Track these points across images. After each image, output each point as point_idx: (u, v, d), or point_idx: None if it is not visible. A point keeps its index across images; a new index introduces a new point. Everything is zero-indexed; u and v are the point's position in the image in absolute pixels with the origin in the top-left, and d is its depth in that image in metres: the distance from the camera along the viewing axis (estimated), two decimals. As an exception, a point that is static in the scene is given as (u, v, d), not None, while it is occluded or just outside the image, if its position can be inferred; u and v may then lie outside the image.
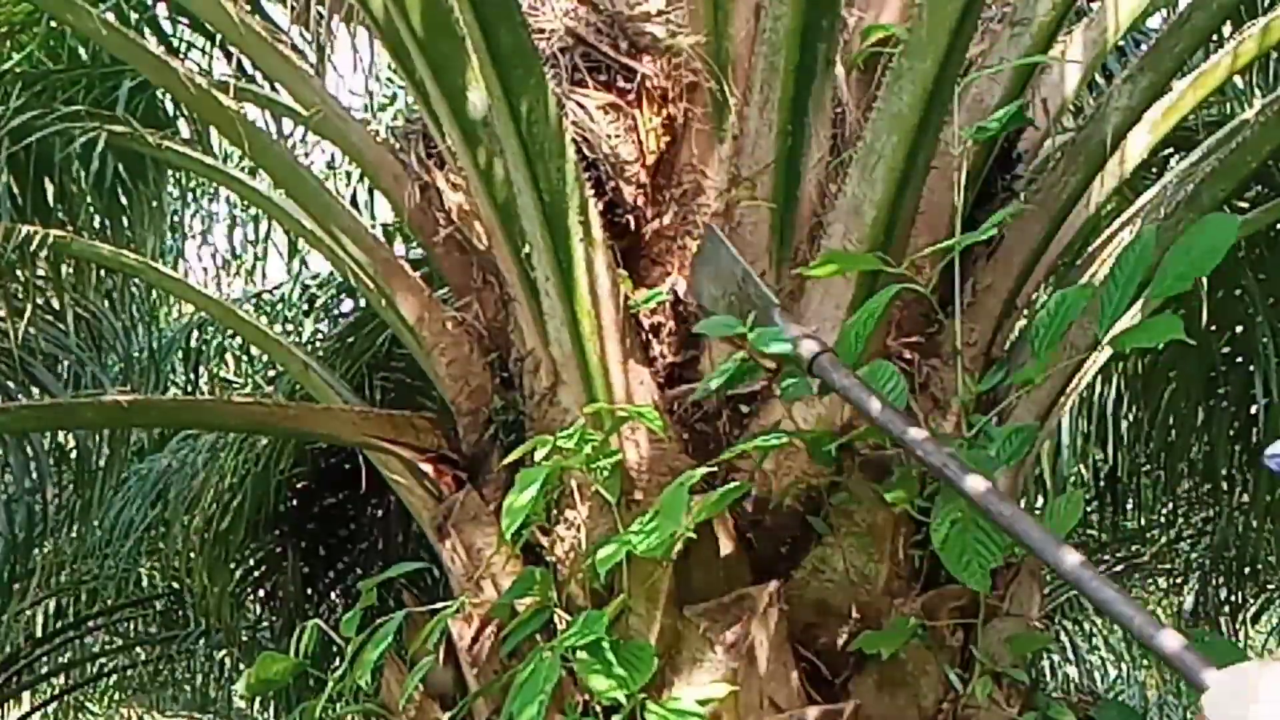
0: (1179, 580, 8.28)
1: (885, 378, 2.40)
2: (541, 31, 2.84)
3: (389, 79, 7.54)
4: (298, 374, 3.71)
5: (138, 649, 9.33)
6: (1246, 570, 7.04)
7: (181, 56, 4.63)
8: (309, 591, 5.82)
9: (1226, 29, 3.87)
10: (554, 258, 2.53)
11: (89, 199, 5.03)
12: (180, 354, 7.17)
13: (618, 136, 2.77)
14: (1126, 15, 3.09)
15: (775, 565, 2.65)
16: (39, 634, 8.49)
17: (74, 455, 5.97)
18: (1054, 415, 3.02)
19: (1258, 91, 4.40)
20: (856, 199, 2.53)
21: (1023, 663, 2.68)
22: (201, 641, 8.19)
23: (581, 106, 2.78)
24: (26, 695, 9.92)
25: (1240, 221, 2.19)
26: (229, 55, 3.82)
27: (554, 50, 2.83)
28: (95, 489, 5.64)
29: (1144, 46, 3.13)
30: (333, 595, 6.01)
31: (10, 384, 5.22)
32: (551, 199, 2.47)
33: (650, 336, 2.75)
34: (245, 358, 7.89)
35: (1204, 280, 2.62)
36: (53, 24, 4.74)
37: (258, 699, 7.15)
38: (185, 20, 4.90)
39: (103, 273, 5.36)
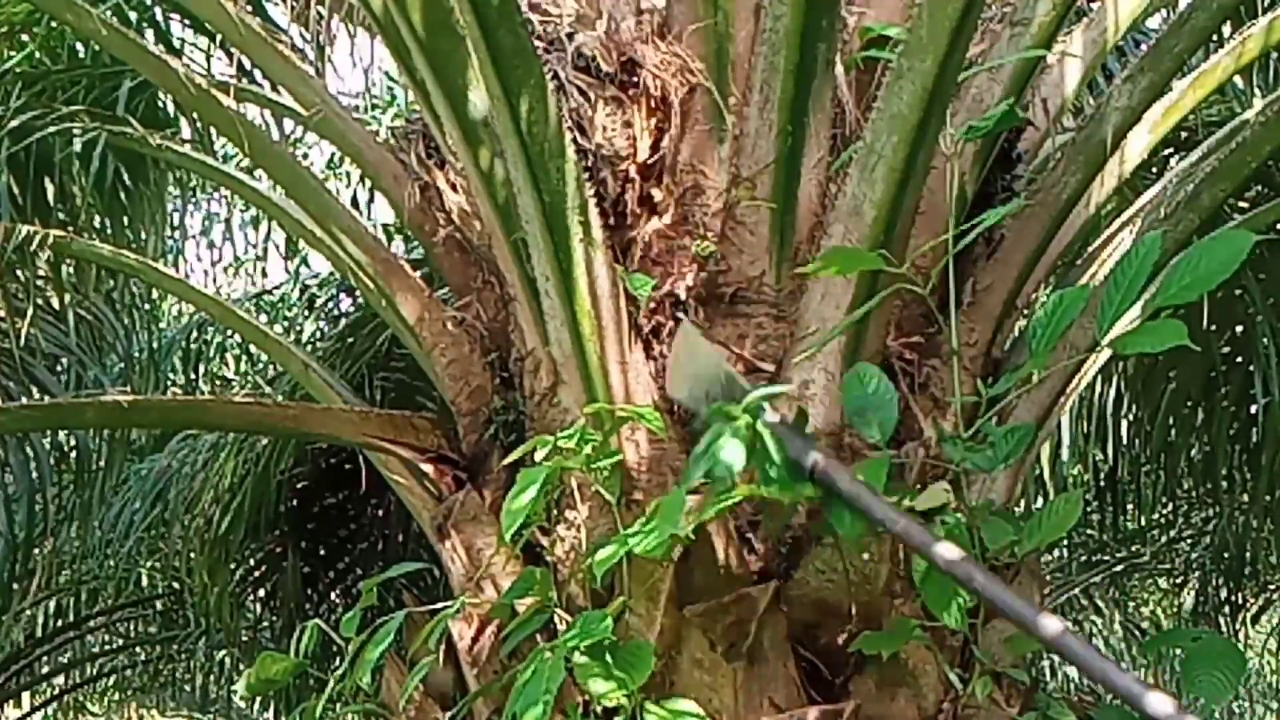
0: (1179, 580, 8.28)
1: (870, 378, 2.41)
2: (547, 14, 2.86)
3: (389, 82, 7.54)
4: (298, 374, 3.71)
5: (138, 649, 9.33)
6: (1246, 570, 7.04)
7: (181, 57, 4.63)
8: (309, 591, 5.82)
9: (1226, 29, 3.87)
10: (554, 258, 2.53)
11: (89, 199, 5.03)
12: (180, 354, 7.17)
13: (614, 130, 2.78)
14: (1126, 15, 3.09)
15: (775, 565, 2.65)
16: (39, 634, 8.49)
17: (74, 455, 5.97)
18: (1054, 415, 3.02)
19: (1258, 91, 4.40)
20: (856, 199, 2.53)
21: (1023, 663, 2.68)
22: (201, 641, 8.19)
23: (582, 93, 2.78)
24: (26, 695, 9.92)
25: (1252, 239, 2.18)
26: (229, 55, 3.81)
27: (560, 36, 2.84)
28: (95, 489, 5.64)
29: (1144, 46, 3.13)
30: (333, 595, 6.01)
31: (10, 384, 5.22)
32: (551, 199, 2.47)
33: (650, 336, 2.75)
34: (245, 358, 7.89)
35: (1204, 281, 2.64)
36: (53, 24, 4.74)
37: (258, 699, 7.15)
38: (185, 20, 4.90)
39: (103, 273, 5.36)
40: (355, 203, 7.00)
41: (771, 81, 2.63)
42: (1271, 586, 7.58)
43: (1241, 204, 4.18)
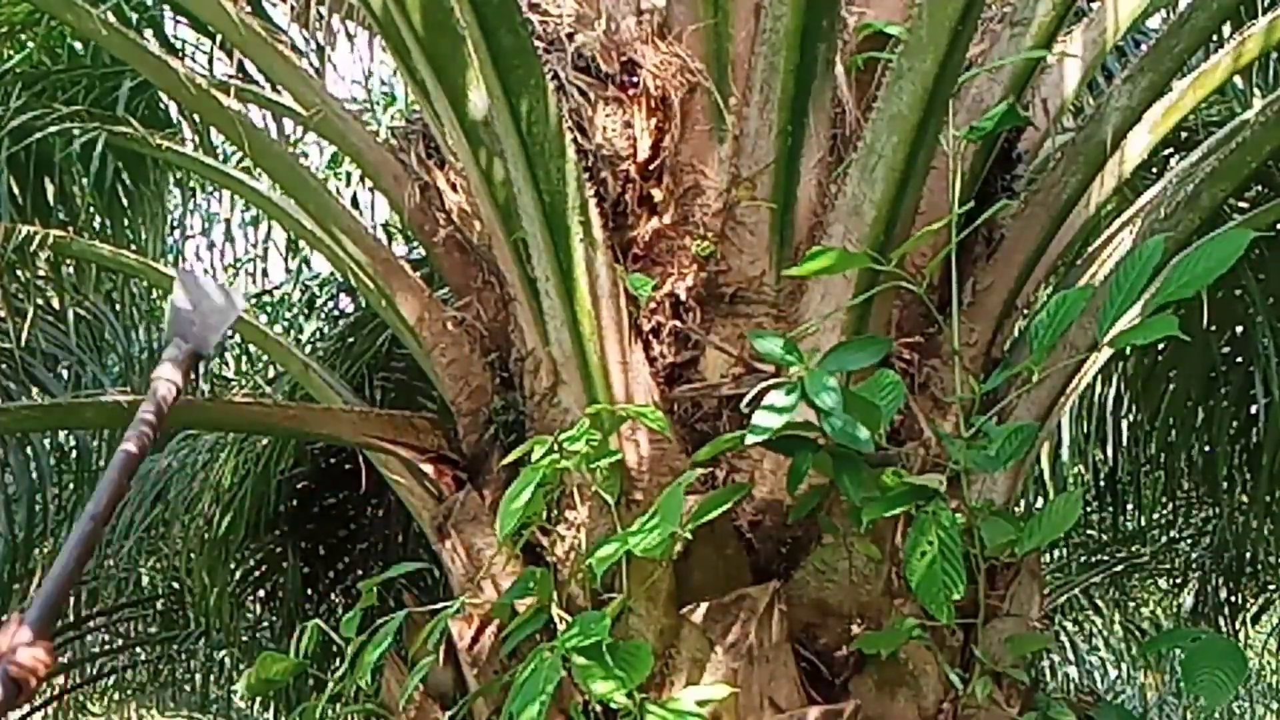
0: (1179, 580, 8.28)
1: (885, 385, 2.41)
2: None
3: (387, 81, 7.54)
4: (298, 374, 3.71)
5: (138, 649, 9.32)
6: (1246, 570, 7.04)
7: (182, 57, 4.64)
8: (309, 591, 5.82)
9: (1226, 29, 3.87)
10: (554, 258, 2.53)
11: (89, 199, 5.03)
12: (180, 354, 7.14)
13: (614, 130, 2.78)
14: (1126, 15, 3.09)
15: (775, 565, 2.65)
16: (39, 634, 8.47)
17: (74, 455, 5.97)
18: (1054, 415, 3.02)
19: (1258, 91, 4.40)
20: (856, 199, 2.53)
21: (1023, 663, 2.68)
22: (201, 641, 8.18)
23: (582, 93, 2.79)
24: (26, 695, 9.90)
25: (1251, 235, 2.19)
26: (229, 56, 3.81)
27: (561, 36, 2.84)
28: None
29: (1144, 46, 3.13)
30: (333, 595, 6.00)
31: (10, 384, 5.22)
32: (551, 199, 2.47)
33: (650, 336, 2.75)
34: (245, 358, 7.89)
35: (1205, 281, 2.64)
36: (53, 24, 4.75)
37: (258, 699, 7.15)
38: (186, 20, 4.90)
39: (103, 273, 5.36)
40: (355, 203, 6.99)
41: (771, 81, 2.63)
42: (1271, 586, 7.57)
43: (1241, 204, 4.18)
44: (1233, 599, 7.35)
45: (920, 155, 2.45)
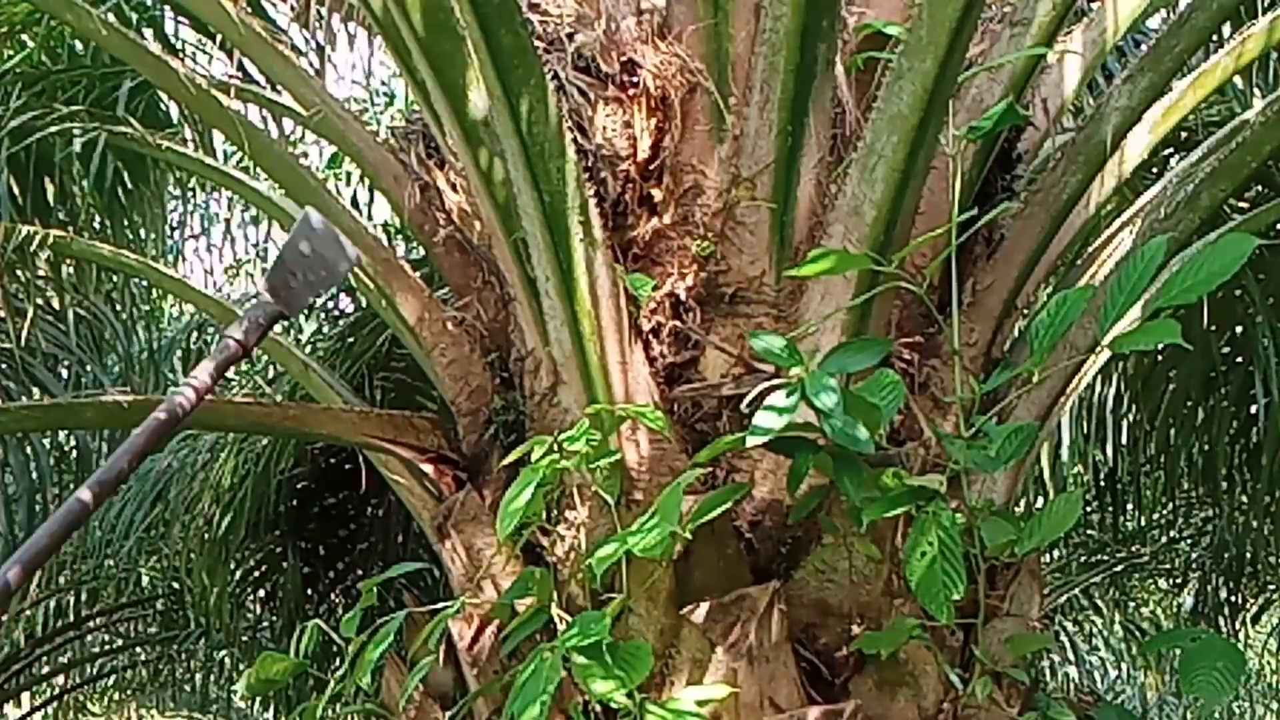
0: (1179, 580, 8.29)
1: (885, 385, 2.40)
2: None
3: (387, 81, 7.54)
4: (298, 374, 3.71)
5: (138, 649, 9.33)
6: (1246, 570, 7.05)
7: (182, 57, 4.64)
8: (309, 591, 5.82)
9: (1226, 29, 3.87)
10: (554, 258, 2.53)
11: (89, 199, 5.03)
12: (180, 354, 7.16)
13: (614, 130, 2.78)
14: (1126, 15, 3.09)
15: (775, 565, 2.65)
16: (39, 634, 8.49)
17: (74, 455, 5.97)
18: (1054, 415, 3.02)
19: (1258, 91, 4.40)
20: (856, 199, 2.53)
21: (1023, 663, 2.68)
22: (201, 641, 8.19)
23: (582, 93, 2.79)
24: (26, 695, 9.92)
25: (1255, 243, 2.19)
26: (229, 55, 3.81)
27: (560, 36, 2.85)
28: (95, 489, 5.63)
29: (1144, 46, 3.13)
30: (333, 595, 6.01)
31: (10, 384, 5.22)
32: (551, 199, 2.47)
33: (650, 336, 2.75)
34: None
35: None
36: (53, 24, 4.75)
37: (258, 699, 7.15)
38: (186, 20, 4.91)
39: (103, 273, 5.36)
40: (355, 203, 6.99)
41: (771, 81, 2.63)
42: (1271, 586, 7.58)
43: (1241, 204, 4.18)
44: (1233, 599, 7.36)
45: (920, 155, 2.45)
